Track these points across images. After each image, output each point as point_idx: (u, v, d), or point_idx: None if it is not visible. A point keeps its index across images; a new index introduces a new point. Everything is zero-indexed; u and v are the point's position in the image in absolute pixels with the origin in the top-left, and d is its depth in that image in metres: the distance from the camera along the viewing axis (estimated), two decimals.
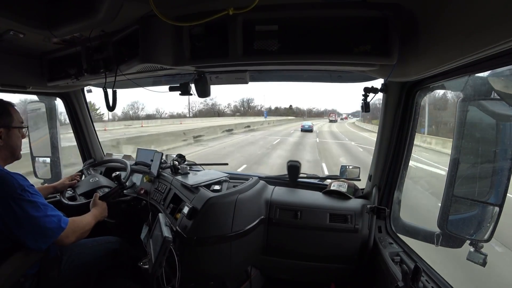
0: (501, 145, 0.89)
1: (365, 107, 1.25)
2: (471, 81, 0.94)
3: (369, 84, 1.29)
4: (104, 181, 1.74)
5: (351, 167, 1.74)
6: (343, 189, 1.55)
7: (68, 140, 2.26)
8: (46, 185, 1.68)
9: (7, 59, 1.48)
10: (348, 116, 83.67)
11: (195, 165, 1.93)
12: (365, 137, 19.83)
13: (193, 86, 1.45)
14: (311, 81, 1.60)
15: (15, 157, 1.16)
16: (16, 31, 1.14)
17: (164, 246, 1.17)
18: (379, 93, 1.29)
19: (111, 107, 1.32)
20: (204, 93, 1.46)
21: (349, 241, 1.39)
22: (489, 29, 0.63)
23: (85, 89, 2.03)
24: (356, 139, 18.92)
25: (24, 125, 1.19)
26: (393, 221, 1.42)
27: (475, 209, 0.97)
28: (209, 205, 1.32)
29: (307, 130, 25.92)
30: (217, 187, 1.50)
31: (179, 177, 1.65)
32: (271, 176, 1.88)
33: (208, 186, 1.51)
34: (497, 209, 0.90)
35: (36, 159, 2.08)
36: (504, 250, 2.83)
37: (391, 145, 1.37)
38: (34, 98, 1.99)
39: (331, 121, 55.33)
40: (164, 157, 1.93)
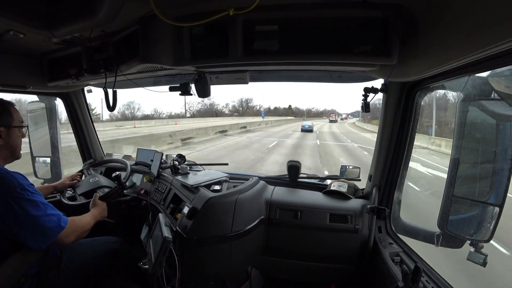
0: (501, 145, 0.89)
1: (365, 107, 1.24)
2: (471, 81, 0.94)
3: (369, 84, 1.29)
4: (104, 181, 1.74)
5: (351, 167, 1.74)
6: (343, 189, 1.55)
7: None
8: (46, 185, 1.68)
9: (7, 59, 1.48)
10: (348, 116, 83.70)
11: (195, 165, 1.93)
12: (367, 138, 19.32)
13: (193, 86, 1.45)
14: (311, 81, 1.60)
15: (15, 156, 1.17)
16: (16, 31, 1.14)
17: (164, 246, 1.17)
18: (379, 93, 1.29)
19: (112, 107, 1.33)
20: (204, 93, 1.46)
21: (349, 241, 1.39)
22: (489, 29, 0.63)
23: (85, 89, 2.03)
24: (358, 140, 18.32)
25: (24, 124, 1.19)
26: (393, 221, 1.42)
27: (475, 209, 0.97)
28: (209, 205, 1.32)
29: (307, 130, 25.87)
30: (217, 187, 1.49)
31: (179, 177, 1.65)
32: (271, 176, 1.88)
33: (208, 186, 1.51)
34: (497, 209, 0.90)
35: (36, 159, 2.09)
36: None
37: (391, 145, 1.37)
38: (34, 98, 1.99)
39: (331, 121, 55.40)
40: (164, 157, 1.93)
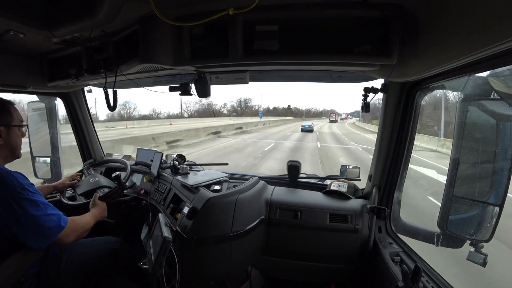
0: (501, 145, 0.89)
1: (365, 107, 1.24)
2: (471, 81, 0.94)
3: (369, 84, 1.29)
4: (104, 181, 1.74)
5: (351, 167, 1.74)
6: (343, 189, 1.55)
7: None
8: (46, 185, 1.68)
9: (7, 59, 1.48)
10: (347, 116, 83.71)
11: (195, 165, 1.93)
12: (370, 140, 18.22)
13: (193, 86, 1.45)
14: (311, 81, 1.60)
15: (15, 155, 1.17)
16: (16, 31, 1.14)
17: (164, 246, 1.17)
18: (379, 93, 1.29)
19: (112, 107, 1.33)
20: (204, 93, 1.46)
21: (349, 241, 1.39)
22: (489, 29, 0.63)
23: (85, 89, 2.03)
24: (361, 142, 17.33)
25: (23, 123, 1.19)
26: (393, 221, 1.42)
27: (475, 209, 0.97)
28: (209, 205, 1.32)
29: (307, 130, 25.87)
30: (217, 187, 1.49)
31: (179, 177, 1.65)
32: (271, 176, 1.88)
33: (208, 186, 1.51)
34: (497, 209, 0.90)
35: (36, 159, 2.08)
36: None
37: (391, 145, 1.37)
38: (34, 98, 1.99)
39: (331, 121, 55.43)
40: (164, 157, 1.94)
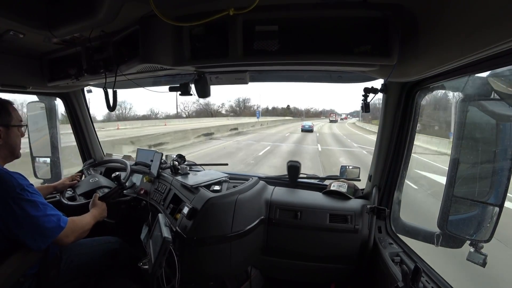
0: (501, 145, 0.89)
1: (365, 107, 1.24)
2: (471, 81, 0.94)
3: (369, 84, 1.29)
4: (104, 182, 1.74)
5: (351, 167, 1.74)
6: (343, 189, 1.55)
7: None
8: (46, 185, 1.68)
9: (7, 59, 1.48)
10: (347, 116, 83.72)
11: (195, 165, 1.93)
12: (373, 141, 17.69)
13: (193, 86, 1.45)
14: (311, 81, 1.60)
15: (15, 155, 1.16)
16: (16, 31, 1.14)
17: (163, 246, 1.17)
18: (379, 93, 1.29)
19: (112, 107, 1.33)
20: (204, 93, 1.46)
21: (349, 242, 1.39)
22: (489, 29, 0.63)
23: (85, 89, 2.03)
24: (364, 143, 16.02)
25: (23, 123, 1.19)
26: (393, 222, 1.42)
27: (475, 209, 0.97)
28: (209, 206, 1.32)
29: (308, 130, 25.94)
30: (217, 188, 1.49)
31: (179, 178, 1.65)
32: (271, 176, 1.88)
33: (208, 186, 1.51)
34: (497, 209, 0.90)
35: (36, 159, 2.08)
36: None
37: (391, 145, 1.37)
38: (34, 98, 1.99)
39: (331, 121, 55.44)
40: (164, 158, 1.93)
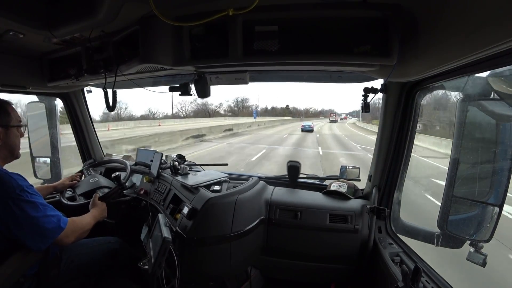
0: (501, 145, 0.89)
1: (365, 107, 1.24)
2: (471, 81, 0.94)
3: (369, 84, 1.29)
4: (104, 182, 1.74)
5: (351, 167, 1.74)
6: (343, 189, 1.55)
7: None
8: (46, 185, 1.68)
9: (7, 59, 1.48)
10: (347, 116, 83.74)
11: (195, 165, 1.93)
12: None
13: (193, 86, 1.45)
14: (311, 81, 1.60)
15: (14, 156, 1.16)
16: (16, 31, 1.14)
17: (163, 246, 1.16)
18: (379, 93, 1.29)
19: (111, 107, 1.33)
20: (204, 93, 1.46)
21: (349, 242, 1.39)
22: (489, 29, 0.63)
23: (85, 89, 2.03)
24: (366, 144, 15.10)
25: (22, 123, 1.19)
26: (393, 222, 1.42)
27: (475, 209, 0.97)
28: (209, 206, 1.32)
29: (308, 130, 26.05)
30: (217, 188, 1.49)
31: (179, 178, 1.65)
32: (271, 176, 1.88)
33: (208, 186, 1.51)
34: (497, 209, 0.90)
35: (36, 159, 2.08)
36: None
37: (391, 145, 1.37)
38: (34, 98, 1.99)
39: (331, 121, 55.48)
40: (164, 158, 1.93)
